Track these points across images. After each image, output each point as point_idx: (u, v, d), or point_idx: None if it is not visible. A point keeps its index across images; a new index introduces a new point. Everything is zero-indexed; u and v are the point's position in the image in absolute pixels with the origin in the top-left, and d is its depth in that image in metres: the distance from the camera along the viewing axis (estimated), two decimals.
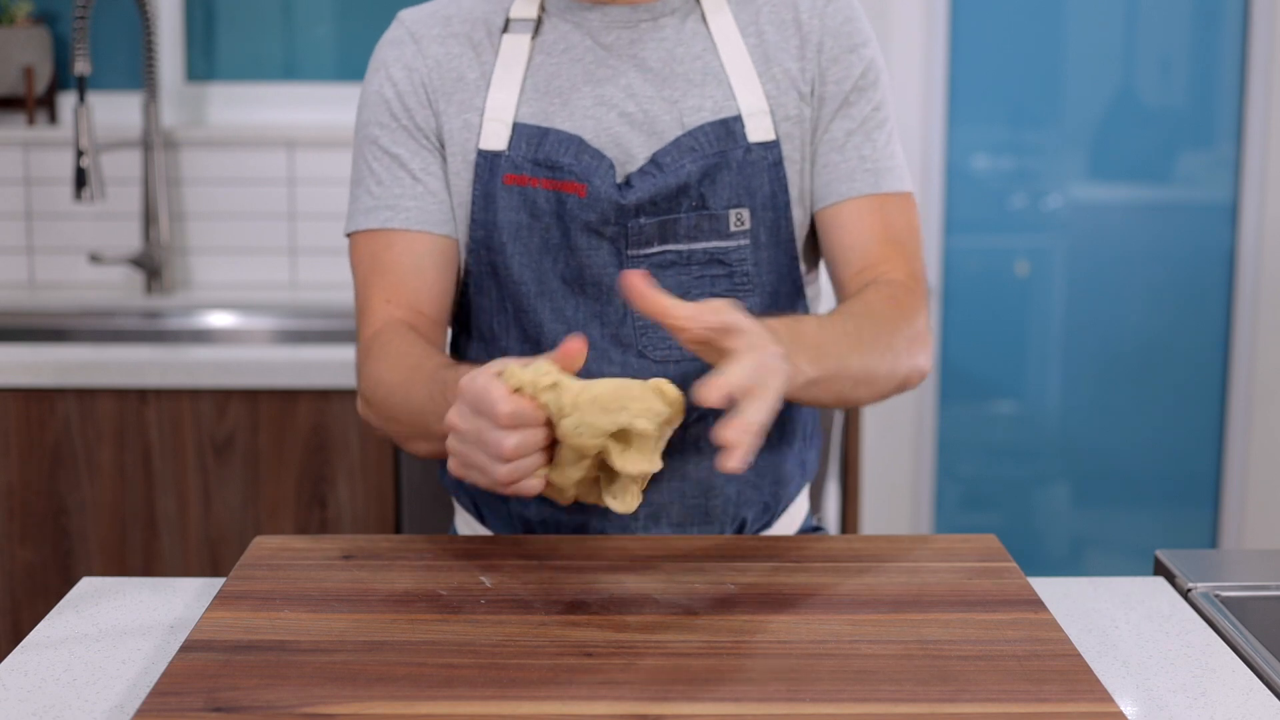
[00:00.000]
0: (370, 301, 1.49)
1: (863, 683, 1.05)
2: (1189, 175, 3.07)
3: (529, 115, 1.47)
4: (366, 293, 1.50)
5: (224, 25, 2.93)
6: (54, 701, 1.10)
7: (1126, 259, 3.08)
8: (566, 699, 1.03)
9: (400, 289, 1.48)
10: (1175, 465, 3.16)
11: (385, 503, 2.26)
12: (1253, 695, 1.12)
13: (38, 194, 2.81)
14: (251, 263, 2.84)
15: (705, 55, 1.48)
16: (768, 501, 1.54)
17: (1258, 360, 3.06)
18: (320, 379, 2.23)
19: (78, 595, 1.31)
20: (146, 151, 2.75)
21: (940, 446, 3.14)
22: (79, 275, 2.83)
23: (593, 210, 1.44)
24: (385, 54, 1.51)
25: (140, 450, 2.24)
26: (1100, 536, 3.20)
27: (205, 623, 1.16)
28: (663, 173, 1.44)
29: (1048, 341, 3.11)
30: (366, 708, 1.01)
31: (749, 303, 1.48)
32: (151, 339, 2.71)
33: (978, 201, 3.07)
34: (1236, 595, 1.31)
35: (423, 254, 1.48)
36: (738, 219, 1.47)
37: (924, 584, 1.24)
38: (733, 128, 1.46)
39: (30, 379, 2.23)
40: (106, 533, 2.26)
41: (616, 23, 1.48)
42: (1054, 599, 1.29)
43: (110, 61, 2.88)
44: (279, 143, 2.81)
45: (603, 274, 1.45)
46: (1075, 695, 1.03)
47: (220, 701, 1.02)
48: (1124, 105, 3.04)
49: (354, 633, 1.14)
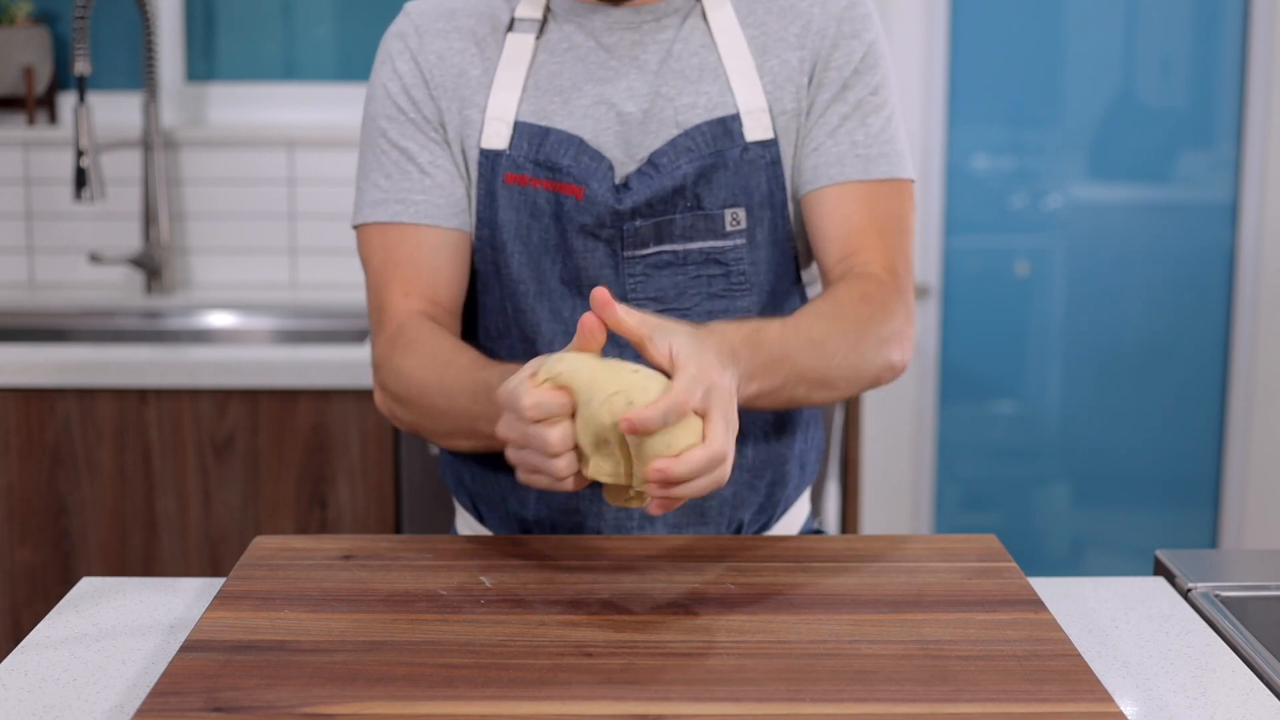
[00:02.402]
0: (389, 294, 1.48)
1: (863, 683, 1.05)
2: (1189, 175, 3.07)
3: (530, 114, 1.47)
4: (382, 285, 1.49)
5: (224, 25, 2.93)
6: (54, 701, 1.10)
7: (1126, 259, 3.08)
8: (566, 699, 1.03)
9: (416, 281, 1.47)
10: (1175, 465, 3.16)
11: (385, 503, 2.26)
12: (1253, 695, 1.12)
13: (38, 194, 2.81)
14: (251, 263, 2.84)
15: (703, 52, 1.47)
16: (764, 502, 1.53)
17: (1258, 360, 3.06)
18: (320, 379, 2.23)
19: (78, 595, 1.31)
20: (146, 151, 2.75)
21: (940, 446, 3.14)
22: (79, 275, 2.83)
23: (589, 213, 1.44)
24: (391, 46, 1.52)
25: (140, 450, 2.24)
26: (1100, 536, 3.20)
27: (205, 623, 1.16)
28: (659, 174, 1.44)
29: (1048, 341, 3.11)
30: (366, 708, 1.01)
31: (746, 301, 1.48)
32: (151, 339, 2.71)
33: (978, 201, 3.07)
34: (1236, 595, 1.31)
35: (435, 247, 1.48)
36: (733, 219, 1.46)
37: (924, 584, 1.24)
38: (730, 126, 1.45)
39: (30, 379, 2.23)
40: (106, 533, 2.26)
41: (619, 24, 1.48)
42: (1054, 599, 1.29)
43: (110, 61, 2.88)
44: (279, 143, 2.81)
45: (599, 275, 1.45)
46: (1075, 695, 1.03)
47: (220, 701, 1.02)
48: (1124, 105, 3.04)
49: (354, 633, 1.14)
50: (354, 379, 2.23)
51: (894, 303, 1.43)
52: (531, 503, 1.49)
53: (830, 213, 1.47)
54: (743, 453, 1.49)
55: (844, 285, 1.42)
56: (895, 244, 1.47)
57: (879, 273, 1.44)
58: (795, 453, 1.55)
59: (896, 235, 1.47)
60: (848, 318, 1.39)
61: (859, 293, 1.41)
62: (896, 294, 1.44)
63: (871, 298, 1.41)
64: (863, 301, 1.41)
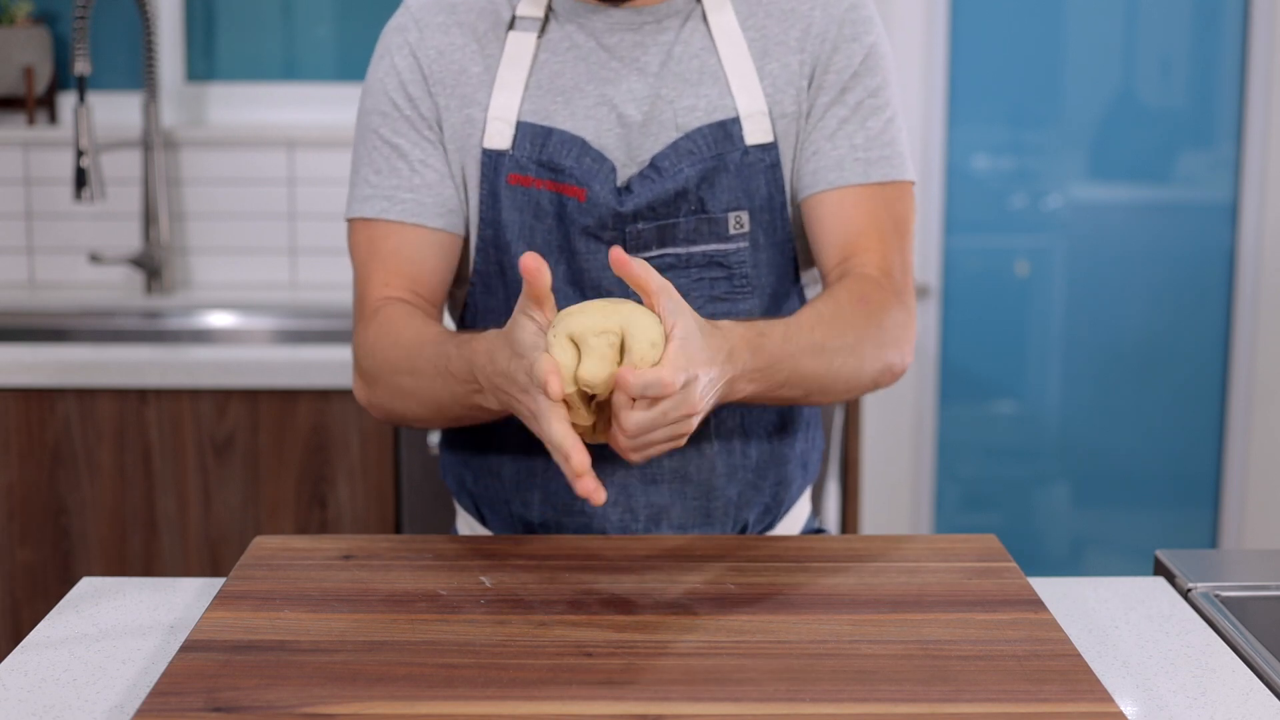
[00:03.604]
0: (368, 285, 1.50)
1: (863, 683, 1.05)
2: (1189, 175, 3.07)
3: (532, 114, 1.46)
4: (365, 276, 1.50)
5: (224, 25, 2.93)
6: (54, 701, 1.10)
7: (1126, 259, 3.08)
8: (566, 699, 1.03)
9: (398, 274, 1.48)
10: (1175, 465, 3.16)
11: (385, 503, 2.26)
12: (1253, 695, 1.12)
13: (38, 194, 2.81)
14: (251, 263, 2.84)
15: (703, 54, 1.47)
16: (769, 503, 1.53)
17: (1258, 360, 3.06)
18: (320, 379, 2.23)
19: (78, 595, 1.31)
20: (146, 151, 2.75)
21: (940, 446, 3.14)
22: (79, 275, 2.83)
23: (591, 215, 1.44)
24: (390, 40, 1.51)
25: (140, 450, 2.24)
26: (1100, 536, 3.20)
27: (205, 623, 1.16)
28: (662, 177, 1.44)
29: (1048, 341, 3.11)
30: (366, 708, 1.01)
31: (748, 304, 1.48)
32: (151, 339, 2.71)
33: (978, 201, 3.07)
34: (1236, 595, 1.31)
35: (419, 245, 1.49)
36: (737, 222, 1.46)
37: (924, 584, 1.24)
38: (730, 130, 1.45)
39: (30, 379, 2.23)
40: (106, 533, 2.26)
41: (620, 25, 1.47)
42: (1054, 599, 1.29)
43: (110, 61, 2.88)
44: (279, 143, 2.81)
45: (602, 276, 1.45)
46: (1075, 695, 1.03)
47: (220, 701, 1.02)
48: (1124, 105, 3.04)
49: (354, 633, 1.14)
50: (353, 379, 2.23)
51: (893, 305, 1.43)
52: (535, 504, 1.49)
53: (830, 216, 1.47)
54: (746, 453, 1.50)
55: (843, 287, 1.42)
56: (895, 246, 1.47)
57: (877, 275, 1.44)
58: (797, 452, 1.55)
59: (896, 237, 1.47)
60: (847, 321, 1.39)
61: (858, 295, 1.41)
62: (895, 297, 1.44)
63: (870, 300, 1.41)
64: (861, 304, 1.41)
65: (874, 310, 1.41)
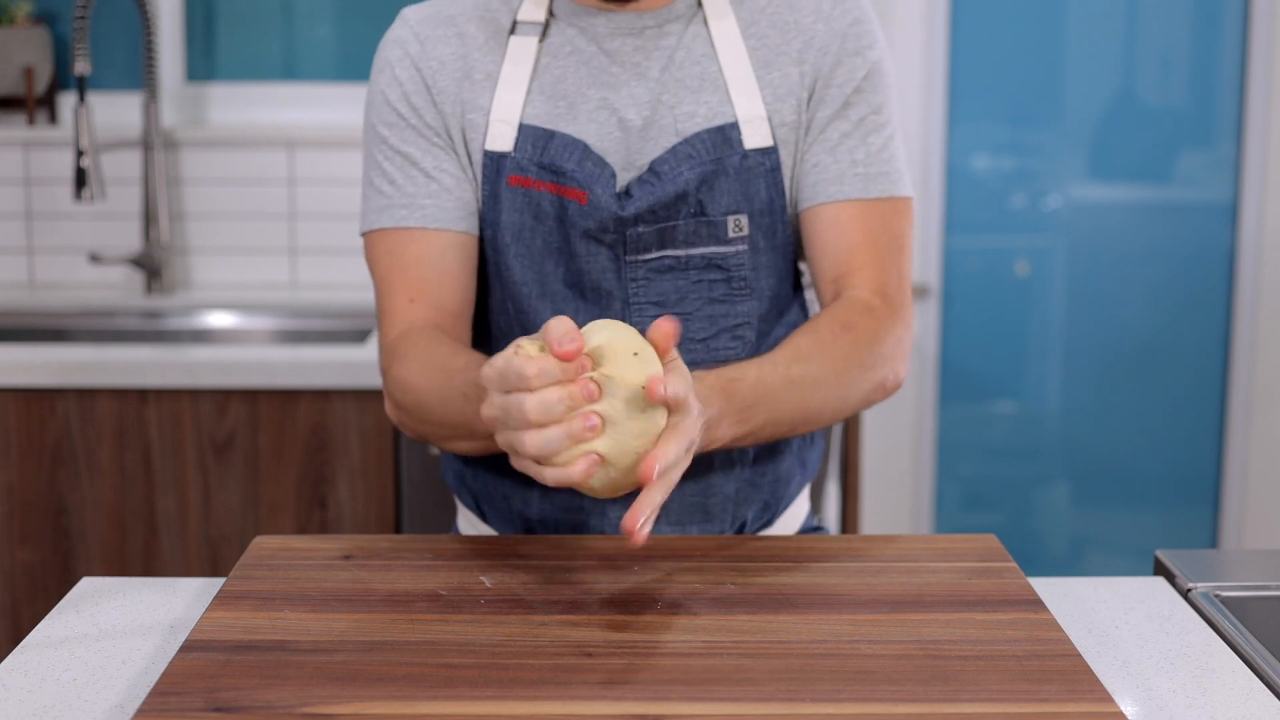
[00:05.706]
0: (392, 301, 1.47)
1: (863, 683, 1.05)
2: (1189, 175, 3.07)
3: (534, 117, 1.47)
4: (388, 292, 1.48)
5: (224, 25, 2.93)
6: (54, 701, 1.10)
7: (1126, 259, 3.08)
8: (566, 699, 1.03)
9: (422, 286, 1.47)
10: (1175, 465, 3.16)
11: (385, 503, 2.26)
12: (1253, 695, 1.12)
13: (38, 194, 2.81)
14: (251, 263, 2.84)
15: (704, 61, 1.47)
16: (767, 500, 1.53)
17: (1258, 360, 3.06)
18: (320, 379, 2.23)
19: (78, 595, 1.31)
20: (146, 151, 2.75)
21: (940, 446, 3.14)
22: (79, 275, 2.83)
23: (592, 218, 1.44)
24: (389, 53, 1.51)
25: (140, 450, 2.25)
26: (1100, 536, 3.20)
27: (205, 623, 1.16)
28: (661, 181, 1.44)
29: (1048, 341, 3.11)
30: (366, 708, 1.01)
31: (747, 306, 1.48)
32: (151, 339, 2.71)
33: (978, 201, 3.07)
34: (1236, 595, 1.31)
35: (444, 250, 1.47)
36: (736, 225, 1.46)
37: (924, 584, 1.24)
38: (729, 134, 1.45)
39: (30, 379, 2.23)
40: (106, 533, 2.26)
41: (621, 29, 1.47)
42: (1054, 599, 1.29)
43: (110, 61, 2.88)
44: (279, 143, 2.81)
45: (602, 279, 1.45)
46: (1075, 695, 1.03)
47: (220, 701, 1.02)
48: (1124, 105, 3.04)
49: (354, 633, 1.14)
50: (354, 379, 2.23)
51: (883, 326, 1.43)
52: (535, 502, 1.49)
53: (827, 230, 1.47)
54: (744, 451, 1.50)
55: (827, 316, 1.43)
56: (890, 263, 1.47)
57: (868, 296, 1.45)
58: (795, 450, 1.56)
59: (891, 254, 1.48)
60: (828, 352, 1.39)
61: (841, 322, 1.42)
62: (887, 316, 1.44)
63: (855, 326, 1.41)
64: (845, 331, 1.41)
65: (859, 336, 1.41)
